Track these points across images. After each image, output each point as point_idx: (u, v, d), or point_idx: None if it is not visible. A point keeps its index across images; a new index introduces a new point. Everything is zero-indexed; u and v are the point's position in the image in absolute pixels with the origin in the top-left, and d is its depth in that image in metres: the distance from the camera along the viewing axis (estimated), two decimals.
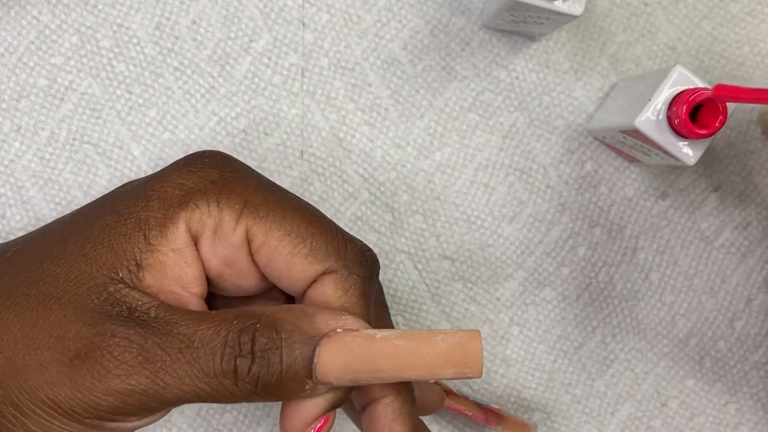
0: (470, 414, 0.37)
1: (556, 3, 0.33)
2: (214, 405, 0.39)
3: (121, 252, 0.26)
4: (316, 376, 0.26)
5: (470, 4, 0.39)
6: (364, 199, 0.39)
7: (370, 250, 0.29)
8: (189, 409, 0.39)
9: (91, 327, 0.25)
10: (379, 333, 0.26)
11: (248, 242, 0.28)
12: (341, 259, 0.28)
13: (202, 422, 0.39)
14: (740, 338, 0.40)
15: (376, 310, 0.29)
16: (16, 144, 0.39)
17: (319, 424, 0.27)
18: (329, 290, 0.28)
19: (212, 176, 0.27)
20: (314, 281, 0.28)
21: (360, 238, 0.31)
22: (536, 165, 0.40)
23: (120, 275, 0.26)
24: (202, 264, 0.28)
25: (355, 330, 0.26)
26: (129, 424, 0.27)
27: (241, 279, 0.29)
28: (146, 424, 0.27)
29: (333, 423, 0.28)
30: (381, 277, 0.39)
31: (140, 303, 0.26)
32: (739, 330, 0.40)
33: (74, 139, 0.39)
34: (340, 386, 0.26)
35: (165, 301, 0.27)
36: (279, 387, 0.26)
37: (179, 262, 0.27)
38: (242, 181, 0.28)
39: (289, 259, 0.27)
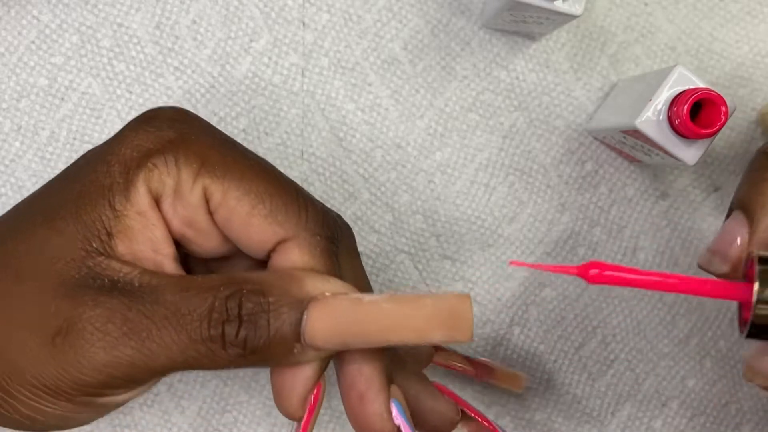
0: (460, 368, 0.37)
1: (556, 3, 0.33)
2: (215, 405, 0.39)
3: (90, 222, 0.26)
4: (304, 339, 0.25)
5: (470, 4, 0.39)
6: (365, 199, 0.39)
7: (330, 210, 0.29)
8: (189, 409, 0.39)
9: (71, 300, 0.25)
10: (368, 297, 0.26)
11: (206, 201, 0.27)
12: (302, 221, 0.27)
13: (202, 422, 0.39)
14: (741, 338, 0.40)
15: (349, 267, 0.29)
16: (17, 144, 0.39)
17: (314, 394, 0.27)
18: (295, 256, 0.27)
19: (169, 135, 0.27)
20: (277, 249, 0.27)
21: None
22: (536, 165, 0.40)
23: (94, 245, 0.26)
24: (166, 225, 0.27)
25: (344, 293, 0.26)
26: (119, 398, 0.26)
27: (204, 240, 0.28)
28: (136, 395, 0.27)
29: (325, 390, 0.28)
30: (382, 276, 0.39)
31: (122, 274, 0.25)
32: None
33: (74, 138, 0.39)
34: (327, 350, 0.26)
35: (143, 267, 0.26)
36: (267, 350, 0.25)
37: (146, 224, 0.26)
38: (200, 139, 0.27)
39: (248, 220, 0.27)
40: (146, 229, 0.26)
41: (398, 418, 0.27)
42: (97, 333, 0.25)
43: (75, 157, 0.39)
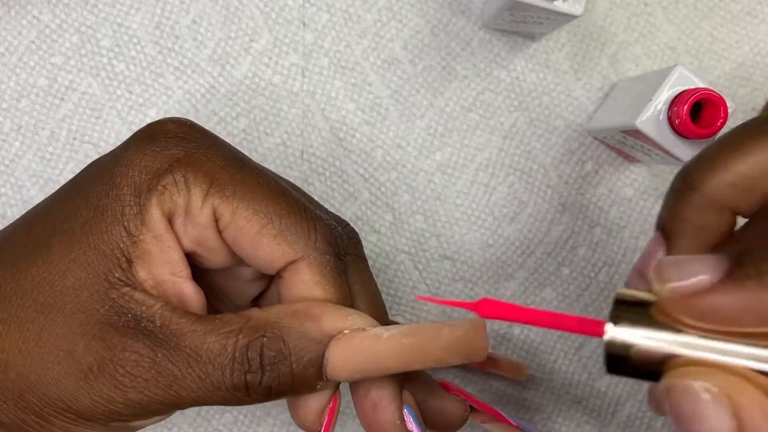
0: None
1: (556, 3, 0.33)
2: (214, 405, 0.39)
3: (108, 251, 0.26)
4: (326, 377, 0.26)
5: (470, 4, 0.39)
6: (365, 199, 0.39)
7: (337, 227, 0.29)
8: (190, 410, 0.39)
9: (101, 341, 0.26)
10: (386, 332, 0.26)
11: (216, 220, 0.27)
12: (311, 241, 0.27)
13: (202, 422, 0.39)
14: None
15: (358, 276, 0.29)
16: (17, 144, 0.39)
17: (329, 408, 0.28)
18: (306, 277, 0.27)
19: (177, 154, 0.27)
20: (287, 269, 0.28)
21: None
22: (536, 165, 0.40)
23: (116, 275, 0.26)
24: (180, 245, 0.28)
25: (362, 330, 0.26)
26: (151, 420, 0.27)
27: (213, 256, 0.28)
28: (168, 417, 0.28)
29: (340, 402, 0.28)
30: (382, 276, 0.39)
31: (143, 309, 0.26)
32: None
33: (74, 138, 0.39)
34: (350, 381, 0.27)
35: (162, 294, 0.27)
36: (291, 391, 0.26)
37: (163, 248, 0.27)
38: (208, 157, 0.27)
39: (257, 239, 0.27)
40: (164, 253, 0.27)
41: (411, 424, 0.28)
42: (129, 375, 0.25)
43: (75, 157, 0.39)
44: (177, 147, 0.27)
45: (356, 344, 0.26)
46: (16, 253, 0.27)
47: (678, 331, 0.21)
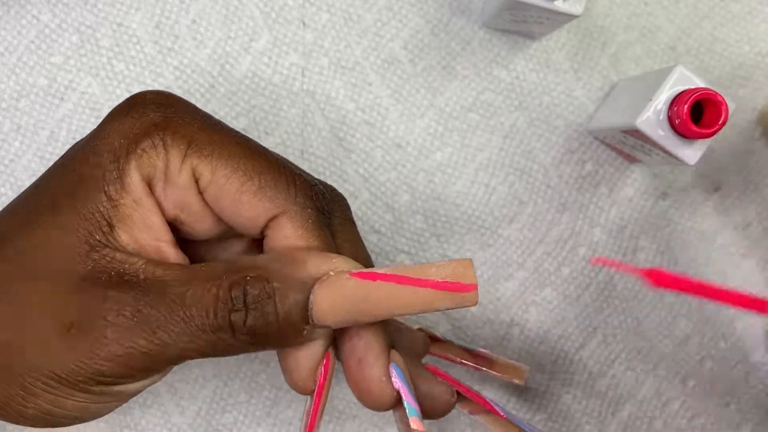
0: (458, 360, 0.37)
1: (556, 3, 0.33)
2: (215, 405, 0.39)
3: (89, 214, 0.26)
4: (312, 320, 0.26)
5: (470, 3, 0.39)
6: (365, 199, 0.39)
7: (318, 183, 0.29)
8: (189, 410, 0.39)
9: (82, 294, 0.25)
10: (370, 273, 0.26)
11: (196, 182, 0.27)
12: (291, 196, 0.27)
13: (201, 422, 0.39)
14: (741, 338, 0.40)
15: (346, 236, 0.29)
16: (16, 143, 0.39)
17: (323, 365, 0.27)
18: (288, 231, 0.27)
19: (154, 119, 0.27)
20: (270, 225, 0.27)
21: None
22: (537, 165, 0.40)
23: (97, 238, 0.26)
24: (161, 209, 0.28)
25: (347, 271, 0.26)
26: (134, 385, 0.27)
27: (197, 222, 0.28)
28: (151, 384, 0.27)
29: (334, 363, 0.28)
30: None
31: (127, 266, 0.26)
32: (740, 330, 0.40)
33: (74, 138, 0.39)
34: (336, 327, 0.26)
35: (147, 257, 0.26)
36: (277, 335, 0.26)
37: (143, 212, 0.27)
38: (186, 120, 0.27)
39: (238, 197, 0.27)
40: (144, 217, 0.27)
41: (398, 382, 0.27)
42: (110, 326, 0.25)
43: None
44: (155, 112, 0.27)
45: (341, 285, 0.26)
46: (3, 230, 0.27)
47: None
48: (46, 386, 0.25)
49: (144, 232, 0.27)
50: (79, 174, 0.27)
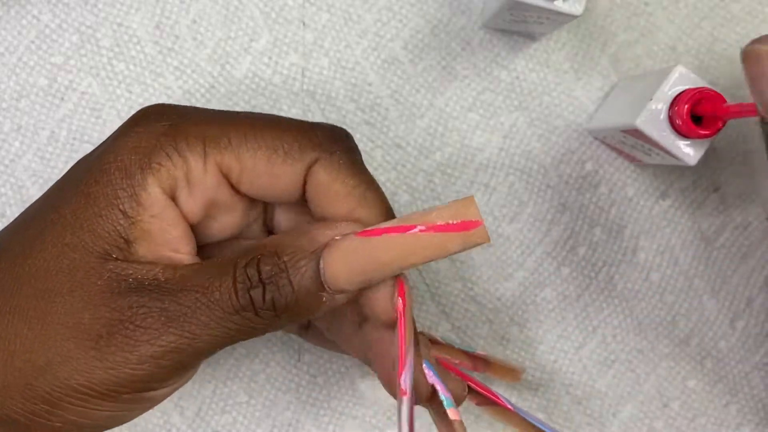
0: (456, 362, 0.37)
1: (556, 3, 0.33)
2: (214, 406, 0.39)
3: (105, 233, 0.26)
4: (328, 286, 0.26)
5: (470, 3, 0.39)
6: None
7: (334, 126, 0.29)
8: (188, 410, 0.39)
9: (106, 307, 0.25)
10: (375, 229, 0.26)
11: (225, 176, 0.28)
12: (317, 146, 0.28)
13: (201, 422, 0.39)
14: (741, 338, 0.40)
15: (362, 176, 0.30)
16: (17, 143, 0.39)
17: (398, 289, 0.27)
18: (323, 177, 0.28)
19: (162, 128, 0.27)
20: (307, 181, 0.28)
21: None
22: (536, 165, 0.40)
23: (114, 256, 0.26)
24: (185, 218, 0.28)
25: (352, 233, 0.26)
26: (164, 390, 0.27)
27: (227, 215, 0.29)
28: (180, 386, 0.28)
29: (408, 284, 0.28)
30: None
31: (144, 272, 0.26)
32: (741, 330, 0.40)
33: (74, 138, 0.39)
34: (353, 289, 0.27)
35: (164, 263, 0.27)
36: (297, 305, 0.26)
37: (163, 226, 0.27)
38: (192, 121, 0.27)
39: (271, 171, 0.27)
40: (163, 231, 0.27)
41: (432, 377, 0.28)
42: (139, 329, 0.25)
43: (75, 157, 0.39)
44: (159, 122, 0.27)
45: (347, 246, 0.26)
46: (13, 250, 0.27)
47: None
48: (75, 399, 0.26)
49: (162, 245, 0.27)
50: (88, 194, 0.27)
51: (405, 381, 0.26)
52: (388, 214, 0.29)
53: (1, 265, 0.27)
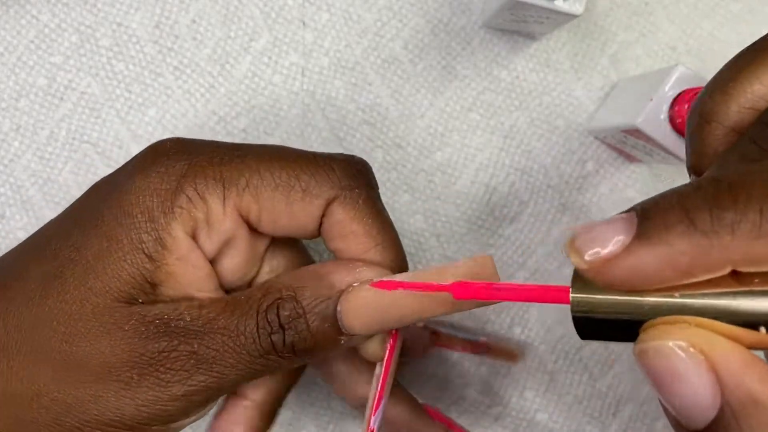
0: (459, 348, 0.38)
1: (556, 2, 0.33)
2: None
3: (129, 278, 0.26)
4: (344, 330, 0.27)
5: (471, 3, 0.39)
6: None
7: (353, 157, 0.29)
8: None
9: (135, 353, 0.26)
10: (391, 282, 0.27)
11: (244, 218, 0.28)
12: (335, 182, 0.28)
13: (201, 423, 0.39)
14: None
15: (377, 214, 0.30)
16: (16, 143, 0.39)
17: (391, 338, 0.28)
18: (341, 216, 0.28)
19: (181, 169, 0.27)
20: (326, 213, 0.28)
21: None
22: (537, 165, 0.40)
23: (140, 301, 0.26)
24: (205, 257, 0.28)
25: (368, 281, 0.27)
26: (189, 419, 0.27)
27: (242, 254, 0.29)
28: (203, 415, 0.28)
29: (402, 335, 0.29)
30: None
31: (170, 312, 0.26)
32: None
33: (74, 138, 0.39)
34: (369, 333, 0.27)
35: (189, 303, 0.27)
36: (316, 348, 0.27)
37: (188, 267, 0.27)
38: (209, 162, 0.27)
39: (290, 210, 0.28)
40: (187, 273, 0.27)
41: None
42: (170, 372, 0.26)
43: (74, 156, 0.39)
44: (179, 162, 0.27)
45: (363, 296, 0.26)
46: (30, 288, 0.27)
47: (628, 292, 0.20)
48: (104, 430, 0.26)
49: (187, 286, 0.27)
50: (110, 237, 0.27)
51: (375, 422, 0.27)
52: (401, 256, 0.29)
53: (16, 300, 0.27)
